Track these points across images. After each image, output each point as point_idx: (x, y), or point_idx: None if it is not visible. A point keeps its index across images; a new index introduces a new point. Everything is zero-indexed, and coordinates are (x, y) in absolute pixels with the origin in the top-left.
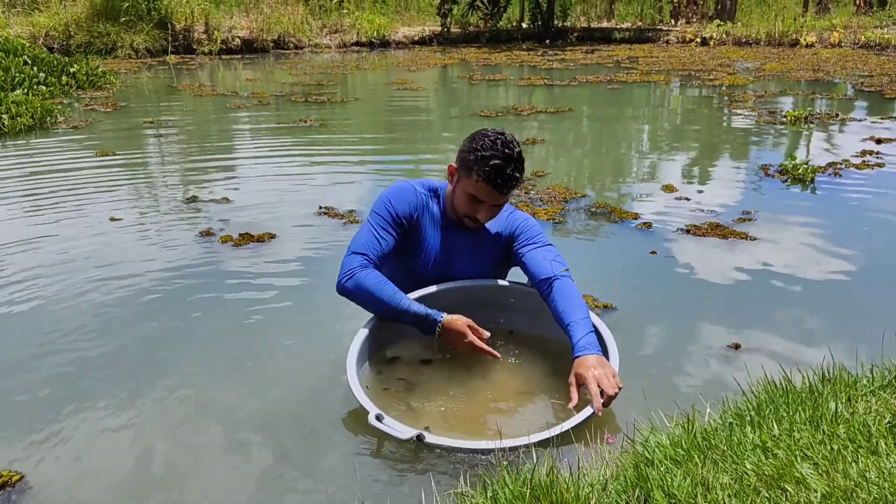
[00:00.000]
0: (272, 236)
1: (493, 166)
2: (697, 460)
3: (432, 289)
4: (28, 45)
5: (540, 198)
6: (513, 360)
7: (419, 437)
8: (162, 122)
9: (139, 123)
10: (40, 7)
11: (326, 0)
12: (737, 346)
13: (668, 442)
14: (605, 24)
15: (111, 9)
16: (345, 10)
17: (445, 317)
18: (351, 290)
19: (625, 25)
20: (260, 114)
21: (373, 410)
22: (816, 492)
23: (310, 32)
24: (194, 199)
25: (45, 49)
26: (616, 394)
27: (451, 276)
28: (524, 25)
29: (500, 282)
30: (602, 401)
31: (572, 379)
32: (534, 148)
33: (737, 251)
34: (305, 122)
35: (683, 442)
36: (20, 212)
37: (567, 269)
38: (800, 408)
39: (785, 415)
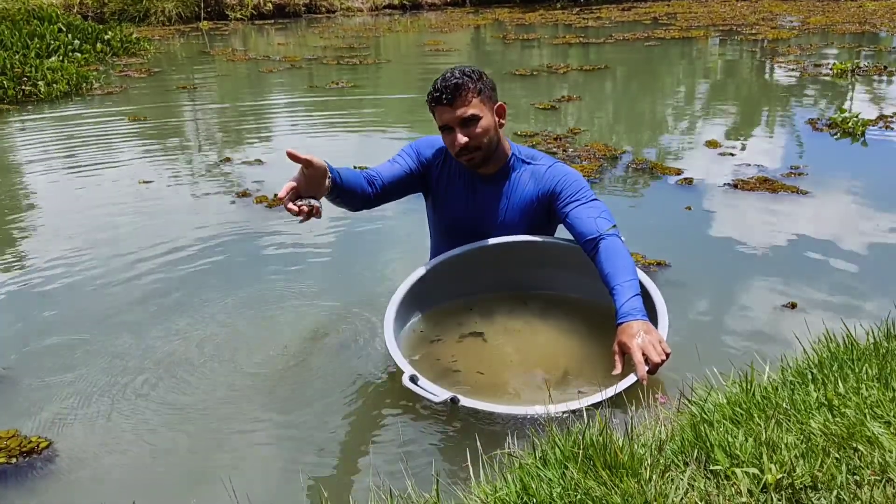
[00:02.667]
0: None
1: (433, 87)
2: (759, 420)
3: (471, 246)
4: (62, 13)
5: (578, 155)
6: (559, 326)
7: (454, 400)
8: (195, 87)
9: (172, 88)
10: None
11: None
12: (793, 305)
13: (726, 401)
14: None
15: None
16: None
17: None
18: None
19: None
20: (292, 77)
21: (408, 371)
22: (892, 452)
23: None
24: (227, 160)
25: (79, 17)
26: (663, 361)
27: (485, 231)
28: None
29: (544, 237)
30: (648, 368)
31: (616, 347)
32: (569, 106)
33: (788, 206)
34: (338, 84)
35: (742, 401)
36: (58, 176)
37: (615, 226)
38: (866, 365)
39: (850, 372)
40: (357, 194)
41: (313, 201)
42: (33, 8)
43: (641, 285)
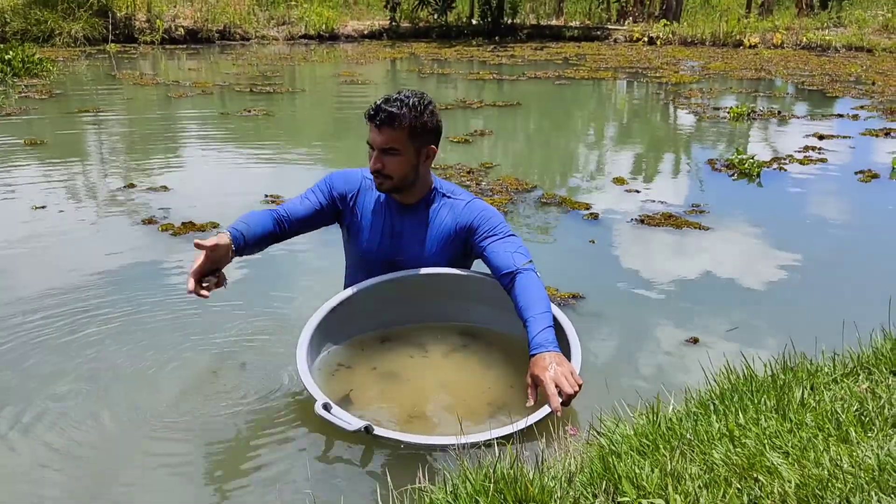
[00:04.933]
0: (215, 225)
1: (373, 105)
2: (664, 451)
3: (389, 276)
4: None
5: (491, 188)
6: (475, 359)
7: (367, 429)
8: (99, 110)
9: (74, 111)
10: None
11: None
12: (695, 340)
13: (633, 433)
14: (553, 22)
15: None
16: (292, 3)
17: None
18: None
19: (573, 24)
20: (203, 103)
21: (320, 398)
22: (790, 481)
23: (257, 24)
24: (132, 186)
25: None
26: (576, 392)
27: (401, 262)
28: (474, 22)
29: (463, 271)
30: (561, 400)
31: (528, 379)
32: (483, 140)
33: (691, 242)
34: (250, 111)
35: (649, 433)
36: None
37: (531, 261)
38: (764, 396)
39: (749, 403)
40: (265, 242)
41: (215, 276)
42: None
43: (555, 318)
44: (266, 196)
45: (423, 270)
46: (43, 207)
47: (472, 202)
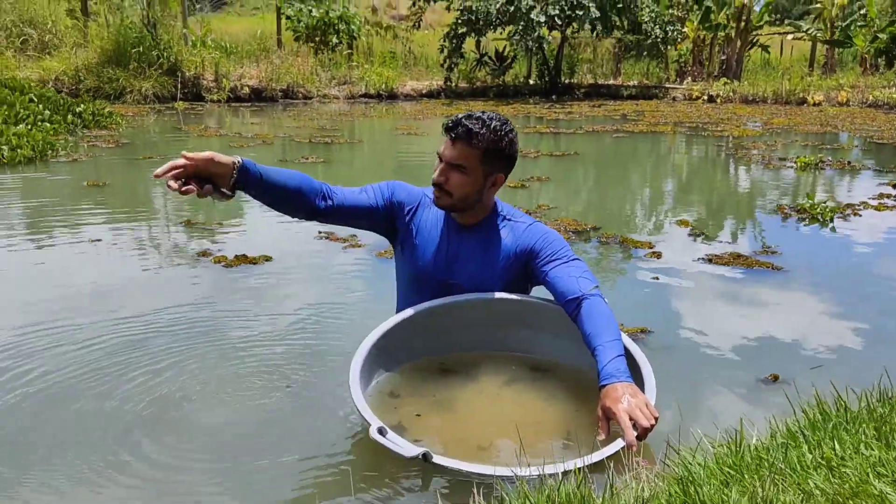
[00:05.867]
0: (268, 259)
1: (454, 117)
2: (751, 480)
3: (446, 300)
4: (36, 85)
5: None
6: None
7: (425, 457)
8: (162, 157)
9: (138, 158)
10: (52, 52)
11: (336, 53)
12: (775, 378)
13: (715, 462)
14: (611, 82)
15: (121, 55)
16: (354, 63)
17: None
18: None
19: (631, 83)
20: (263, 152)
21: (375, 423)
22: None
23: (318, 83)
24: (188, 223)
25: (53, 91)
26: (652, 426)
27: (455, 283)
28: (531, 81)
29: (524, 296)
30: (636, 433)
31: (599, 412)
32: (540, 185)
33: (763, 280)
34: (307, 159)
35: (733, 462)
36: (6, 239)
37: (597, 287)
38: (862, 426)
39: (845, 434)
40: (294, 198)
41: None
42: (5, 79)
43: (625, 349)
44: (319, 232)
45: (482, 295)
46: (98, 240)
47: (534, 225)
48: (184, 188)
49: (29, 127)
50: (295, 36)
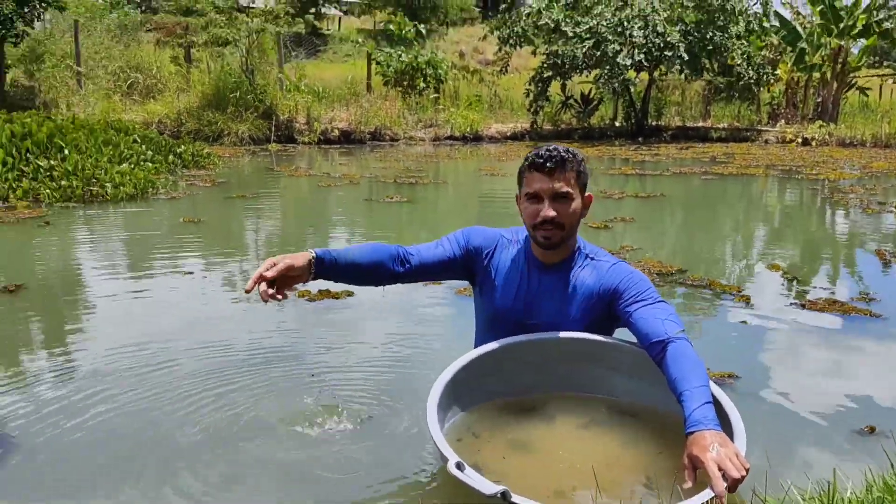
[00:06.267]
0: (350, 294)
1: (534, 153)
2: None
3: (524, 337)
4: (140, 127)
5: None
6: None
7: (504, 495)
8: (254, 195)
9: (232, 196)
10: (156, 97)
11: (423, 97)
12: (871, 429)
13: None
14: (700, 124)
15: (220, 100)
16: (440, 107)
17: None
18: None
19: (721, 125)
20: (349, 191)
21: (453, 458)
22: None
23: (405, 126)
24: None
25: (156, 133)
26: (743, 477)
27: (532, 325)
28: (617, 123)
29: (607, 338)
30: (726, 484)
31: (685, 460)
32: (624, 226)
33: (860, 328)
34: (392, 198)
35: None
36: (106, 270)
37: (683, 330)
38: None
39: None
40: (371, 272)
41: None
42: (112, 121)
43: (713, 395)
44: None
45: (563, 334)
46: (191, 273)
47: (618, 265)
48: (269, 294)
49: (132, 166)
50: (384, 80)
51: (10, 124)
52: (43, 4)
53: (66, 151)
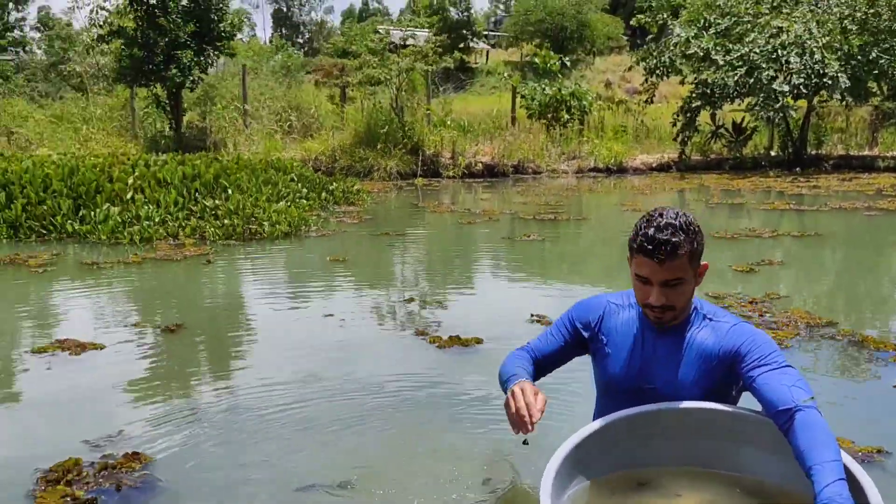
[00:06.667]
0: (479, 341)
1: (644, 234)
2: None
3: (645, 408)
4: (298, 164)
5: (775, 321)
6: None
7: None
8: (397, 233)
9: (378, 234)
10: (313, 135)
11: (567, 129)
12: None
13: None
14: (866, 153)
15: (371, 137)
16: (584, 139)
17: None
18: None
19: (889, 154)
20: (489, 229)
21: None
22: None
23: (548, 158)
24: (411, 300)
25: (311, 170)
26: None
27: (648, 391)
28: (772, 153)
29: (729, 407)
30: None
31: None
32: (771, 270)
33: None
34: (530, 236)
35: None
36: (260, 308)
37: (812, 398)
38: None
39: None
40: None
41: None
42: (273, 159)
43: (848, 471)
44: (532, 315)
45: (684, 404)
46: (331, 315)
47: (739, 325)
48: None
49: (288, 204)
50: (528, 113)
51: (182, 166)
52: (216, 53)
53: (230, 191)
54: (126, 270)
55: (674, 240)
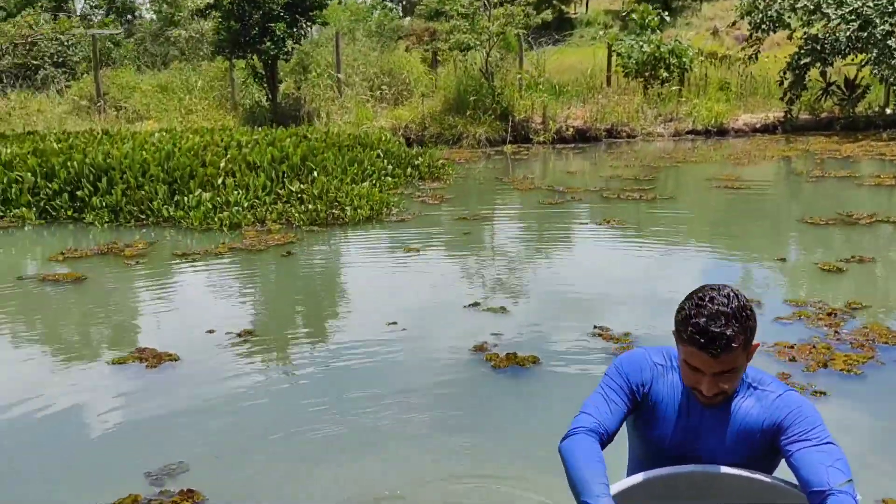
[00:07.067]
0: (534, 360)
1: (695, 325)
2: None
3: (683, 469)
4: (387, 136)
5: (850, 339)
6: None
7: None
8: (475, 217)
9: (455, 218)
10: (403, 102)
11: (665, 88)
12: None
13: None
14: None
15: (461, 103)
16: (682, 99)
17: None
18: (560, 452)
19: None
20: (569, 210)
21: None
22: None
23: (643, 121)
24: (475, 304)
25: (401, 139)
26: None
27: (690, 459)
28: (888, 111)
29: (764, 476)
30: None
31: None
32: (861, 269)
33: None
34: (609, 222)
35: None
36: (326, 306)
37: (850, 481)
38: None
39: None
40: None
41: None
42: (361, 134)
43: None
44: (595, 327)
45: (724, 469)
46: (394, 323)
47: (784, 396)
48: None
49: (373, 183)
50: (625, 72)
51: (271, 147)
52: (308, 24)
53: (315, 174)
54: (209, 264)
55: (728, 332)
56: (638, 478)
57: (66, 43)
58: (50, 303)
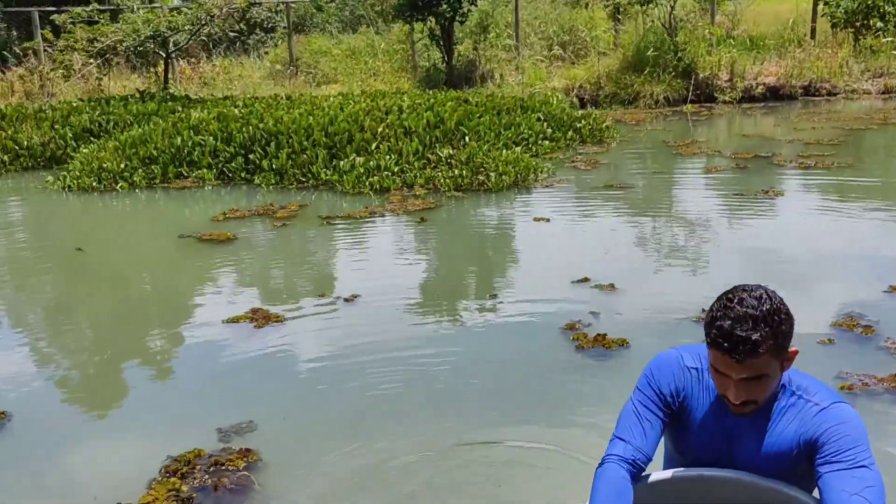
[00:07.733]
0: (622, 343)
1: (719, 328)
2: None
3: (703, 471)
4: (558, 97)
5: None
6: None
7: None
8: (622, 186)
9: (600, 187)
10: (579, 62)
11: (878, 39)
12: None
13: None
14: None
15: (639, 61)
16: None
17: None
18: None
19: None
20: (727, 179)
21: None
22: None
23: (848, 77)
24: (585, 280)
25: (576, 100)
26: None
27: (730, 466)
28: None
29: (794, 490)
30: None
31: None
32: None
33: None
34: (768, 192)
35: None
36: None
37: None
38: None
39: None
40: None
41: None
42: (526, 97)
43: None
44: (702, 311)
45: (762, 482)
46: (494, 297)
47: (827, 410)
48: None
49: (529, 148)
50: (832, 22)
51: (428, 112)
52: None
53: (467, 139)
54: (346, 228)
55: (753, 337)
56: (667, 473)
57: (274, 10)
58: (194, 261)
